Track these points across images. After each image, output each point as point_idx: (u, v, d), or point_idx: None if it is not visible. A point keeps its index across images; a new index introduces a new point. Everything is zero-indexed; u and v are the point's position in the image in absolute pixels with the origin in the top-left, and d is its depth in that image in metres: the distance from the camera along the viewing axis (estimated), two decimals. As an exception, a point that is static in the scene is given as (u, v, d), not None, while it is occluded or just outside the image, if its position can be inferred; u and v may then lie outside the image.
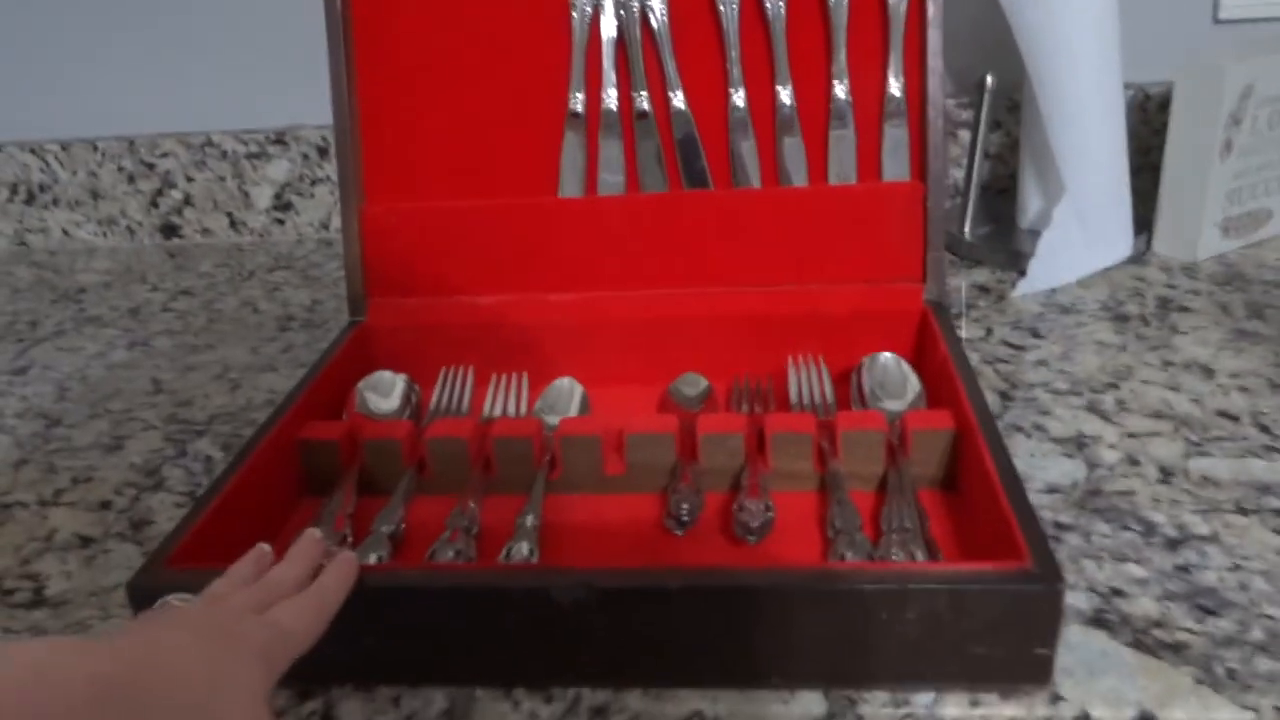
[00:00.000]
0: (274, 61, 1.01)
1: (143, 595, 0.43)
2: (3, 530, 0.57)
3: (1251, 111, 0.78)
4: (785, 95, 0.65)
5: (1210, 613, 0.44)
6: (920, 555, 0.46)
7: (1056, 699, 0.41)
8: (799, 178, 0.66)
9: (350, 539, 0.51)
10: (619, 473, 0.55)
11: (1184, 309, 0.73)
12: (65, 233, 1.09)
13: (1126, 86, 0.80)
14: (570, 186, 0.67)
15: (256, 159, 1.03)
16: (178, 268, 1.00)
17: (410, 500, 0.54)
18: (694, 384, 0.62)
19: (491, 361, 0.66)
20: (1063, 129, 0.77)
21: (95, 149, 1.05)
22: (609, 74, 0.66)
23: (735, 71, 0.65)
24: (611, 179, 0.67)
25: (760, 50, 0.65)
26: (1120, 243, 0.81)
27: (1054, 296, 0.77)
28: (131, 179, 1.06)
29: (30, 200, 1.08)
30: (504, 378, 0.65)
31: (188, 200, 1.06)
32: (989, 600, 0.40)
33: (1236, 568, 0.47)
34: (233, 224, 1.07)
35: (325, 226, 1.06)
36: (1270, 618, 0.44)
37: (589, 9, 0.66)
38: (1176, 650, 0.43)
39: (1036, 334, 0.71)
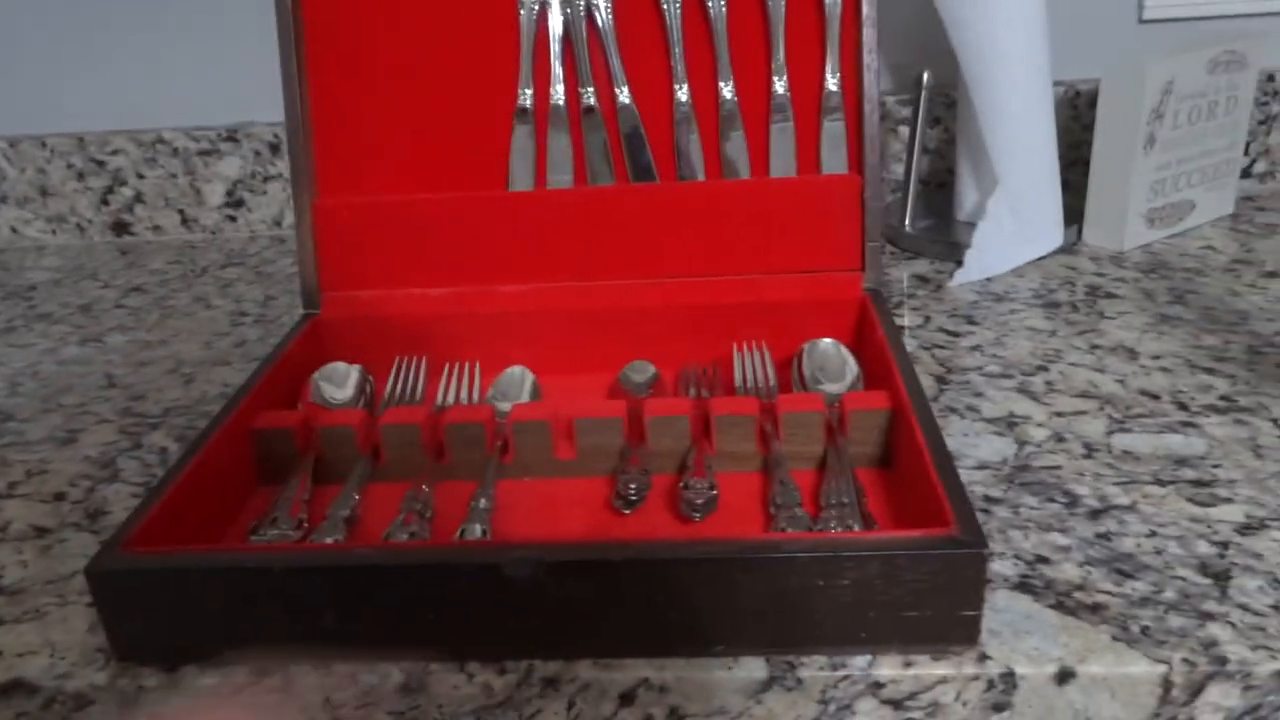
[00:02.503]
0: (225, 58, 1.02)
1: (101, 579, 0.44)
2: (-44, 523, 0.58)
3: (1173, 107, 0.81)
4: (727, 91, 0.67)
5: (1128, 576, 0.47)
6: (857, 528, 0.48)
7: (984, 658, 0.43)
8: (742, 171, 0.68)
9: (306, 524, 0.52)
10: (569, 457, 0.57)
11: (1111, 295, 0.77)
12: (14, 230, 1.08)
13: (1057, 84, 0.83)
14: (520, 180, 0.69)
15: (208, 156, 1.04)
16: (129, 265, 1.00)
17: (365, 486, 0.55)
18: (642, 371, 0.64)
19: (444, 352, 0.67)
20: (995, 124, 0.80)
21: (44, 146, 1.04)
22: (556, 70, 0.68)
23: (679, 68, 0.67)
24: (559, 173, 0.69)
25: (703, 47, 0.67)
26: (1052, 233, 0.85)
27: (989, 285, 0.80)
28: (81, 176, 1.05)
29: (-24, 198, 1.07)
30: (456, 366, 0.66)
31: (139, 197, 1.06)
32: (918, 565, 0.42)
33: (1153, 534, 0.50)
34: (184, 221, 1.07)
35: (278, 224, 1.06)
36: (1182, 579, 0.47)
37: (535, 6, 0.67)
38: (1095, 610, 0.45)
39: (972, 321, 0.74)
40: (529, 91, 0.68)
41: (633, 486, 0.52)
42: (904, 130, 0.98)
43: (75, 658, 0.46)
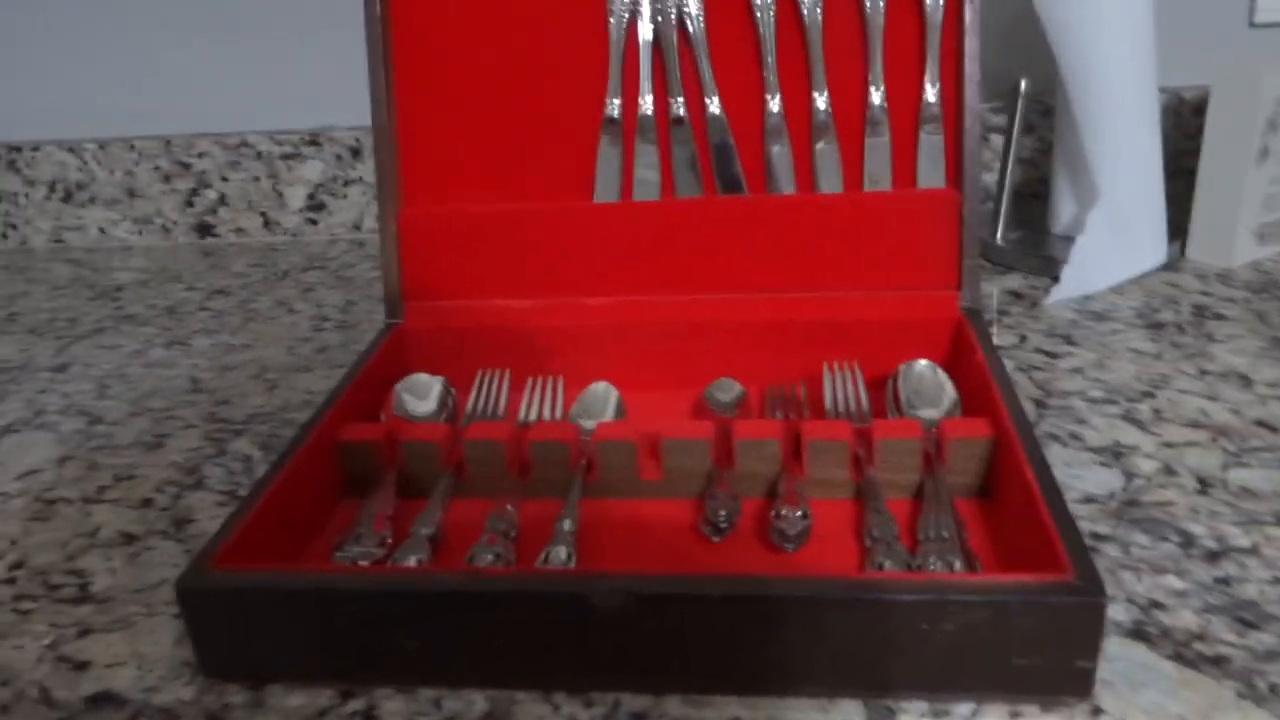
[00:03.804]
0: (307, 63, 1.03)
1: (191, 595, 0.44)
2: (48, 526, 0.58)
3: (1290, 118, 0.77)
4: (821, 101, 0.65)
5: (1251, 626, 0.44)
6: (958, 565, 0.46)
7: (1098, 712, 0.41)
8: (834, 184, 0.66)
9: (390, 540, 0.51)
10: (655, 478, 0.55)
11: (1220, 316, 0.73)
12: (102, 231, 1.11)
13: (1161, 90, 0.80)
14: (606, 191, 0.67)
15: (291, 159, 1.05)
16: (212, 267, 1.01)
17: (448, 502, 0.54)
18: (728, 389, 0.62)
19: (527, 365, 0.67)
20: (1097, 134, 0.77)
21: (132, 148, 1.06)
22: (645, 80, 0.66)
23: (771, 77, 0.65)
24: (647, 184, 0.67)
25: (796, 56, 0.65)
26: (1155, 249, 0.81)
27: (1088, 303, 0.77)
28: (167, 178, 1.07)
29: (68, 198, 1.10)
30: (539, 381, 0.65)
31: (222, 200, 1.07)
32: (1030, 612, 0.40)
33: (1277, 581, 0.47)
34: (266, 224, 1.08)
35: (357, 227, 1.07)
36: (1311, 632, 0.44)
37: (625, 15, 0.66)
38: (1218, 664, 0.42)
39: (1071, 341, 0.71)
40: (617, 101, 0.67)
41: (722, 513, 0.51)
42: (996, 139, 0.95)
43: (163, 671, 0.46)
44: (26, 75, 1.07)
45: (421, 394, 0.63)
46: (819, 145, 0.65)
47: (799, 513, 0.50)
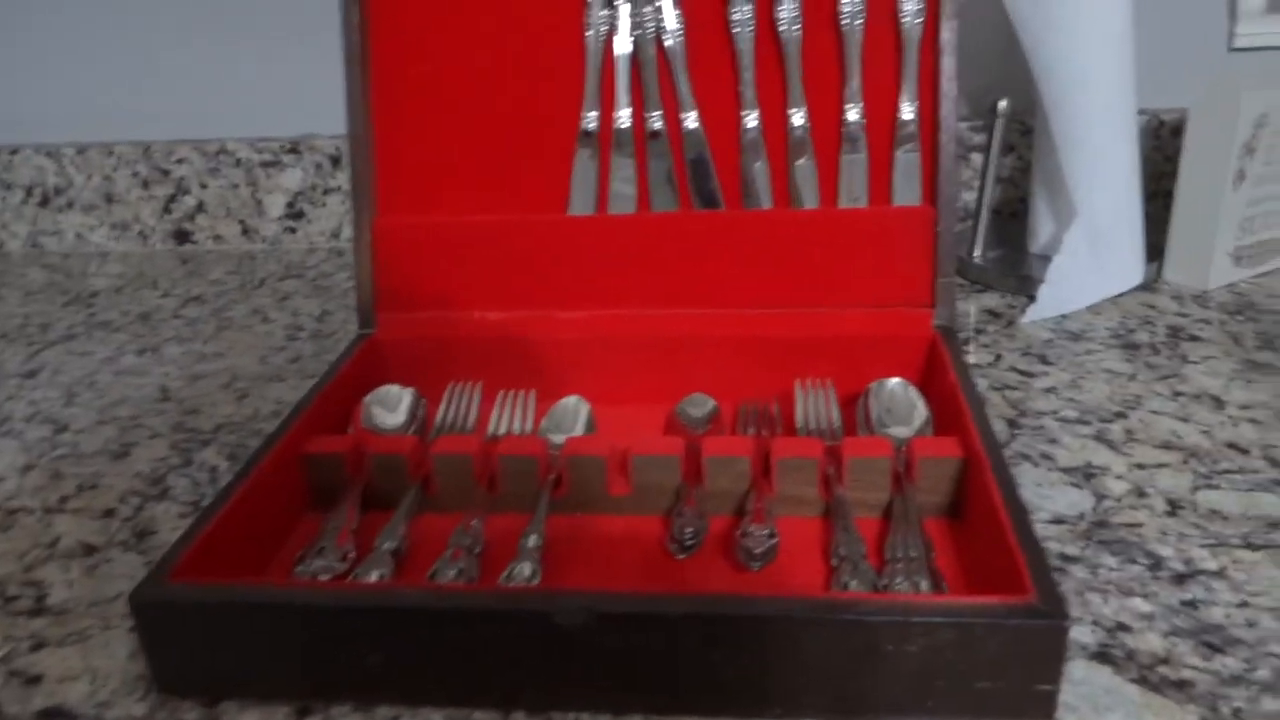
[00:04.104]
0: (289, 70, 1.02)
1: (146, 608, 0.43)
2: (7, 536, 0.58)
3: (1266, 141, 0.78)
4: (798, 117, 0.65)
5: (1217, 650, 0.44)
6: (925, 585, 0.45)
7: (1060, 735, 0.40)
8: (811, 200, 0.66)
9: (353, 555, 0.51)
10: (624, 493, 0.55)
11: (1195, 338, 0.73)
12: (78, 236, 1.10)
13: (1140, 112, 0.80)
14: (581, 204, 0.67)
15: (270, 167, 1.04)
16: (189, 274, 1.01)
17: (414, 516, 0.54)
18: (700, 405, 0.62)
19: (500, 377, 0.66)
20: (1075, 154, 0.77)
21: (111, 153, 1.05)
22: (622, 93, 0.66)
23: (749, 93, 0.65)
24: (623, 198, 0.67)
25: (774, 72, 0.65)
26: (1132, 270, 0.81)
27: (1064, 323, 0.77)
28: (146, 184, 1.06)
29: (45, 203, 1.09)
30: (510, 395, 0.65)
31: (201, 207, 1.07)
32: (993, 635, 0.39)
33: (1244, 604, 0.47)
34: (245, 231, 1.07)
35: (336, 236, 1.06)
36: (1277, 656, 0.43)
37: (604, 28, 0.66)
38: (1182, 688, 0.42)
39: (1046, 361, 0.71)
40: (594, 114, 0.66)
41: (689, 531, 0.50)
42: (976, 157, 0.95)
43: (116, 685, 0.45)
44: (6, 79, 1.07)
45: (391, 406, 0.62)
46: (797, 162, 0.65)
47: (765, 531, 0.49)
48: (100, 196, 1.07)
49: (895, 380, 0.60)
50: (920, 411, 0.58)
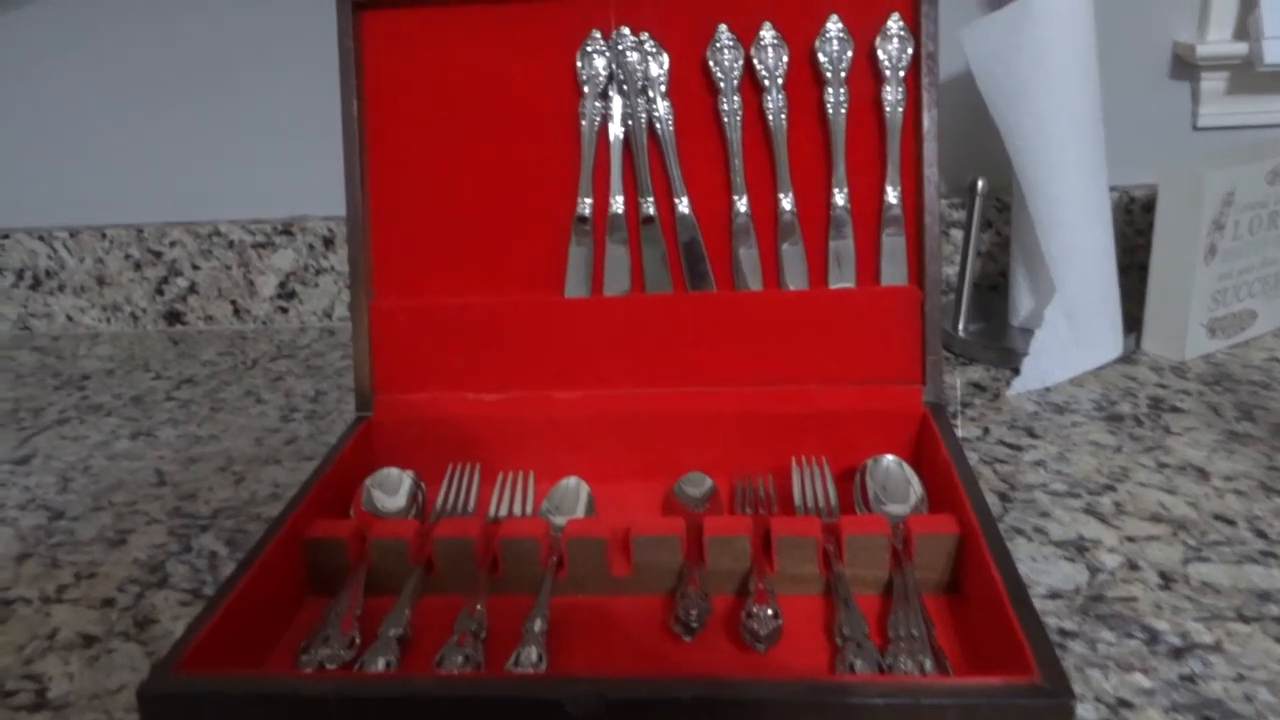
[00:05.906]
0: (282, 153, 1.04)
1: (153, 702, 0.43)
2: (5, 628, 0.57)
3: (1233, 217, 0.80)
4: (786, 202, 0.67)
5: (1216, 724, 0.45)
6: (928, 664, 0.46)
7: (1068, 814, 0.41)
8: (800, 282, 0.67)
9: (358, 641, 0.51)
10: (625, 574, 0.55)
11: (1175, 409, 0.75)
12: (69, 318, 1.10)
13: (1111, 189, 0.83)
14: (577, 287, 0.69)
15: (263, 248, 1.05)
16: (181, 355, 1.01)
17: (418, 600, 0.54)
18: (698, 484, 0.63)
19: (497, 458, 0.67)
20: (1051, 231, 0.80)
21: (104, 236, 1.06)
22: (616, 180, 0.68)
23: (738, 179, 0.67)
24: (617, 281, 0.69)
25: (762, 159, 0.67)
26: (1111, 342, 0.83)
27: (1049, 395, 0.79)
28: (138, 266, 1.07)
29: (36, 285, 1.09)
30: (510, 476, 0.65)
31: (193, 288, 1.08)
32: (999, 715, 0.40)
33: (1240, 678, 0.47)
34: (236, 311, 1.08)
35: (328, 315, 1.07)
36: (1276, 730, 0.44)
37: (597, 117, 0.68)
38: (1185, 764, 0.43)
39: (1033, 433, 0.72)
40: (588, 200, 0.68)
41: (694, 613, 0.51)
42: (956, 233, 0.98)
43: (120, 782, 0.45)
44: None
45: (391, 489, 0.63)
46: (785, 245, 0.67)
47: (770, 612, 0.50)
48: (92, 279, 1.08)
49: (890, 458, 0.61)
50: (915, 489, 0.59)
